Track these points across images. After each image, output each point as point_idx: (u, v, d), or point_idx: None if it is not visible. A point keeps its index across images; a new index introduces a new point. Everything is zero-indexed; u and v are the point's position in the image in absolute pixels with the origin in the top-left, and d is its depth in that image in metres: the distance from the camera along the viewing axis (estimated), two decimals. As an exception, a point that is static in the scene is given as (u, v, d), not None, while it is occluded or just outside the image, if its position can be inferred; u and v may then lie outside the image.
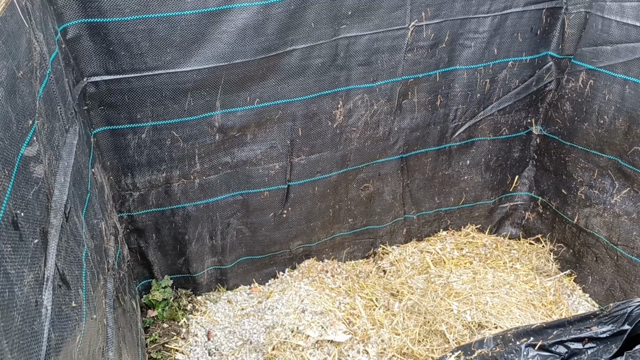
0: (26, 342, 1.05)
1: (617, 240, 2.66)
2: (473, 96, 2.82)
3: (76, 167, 1.70)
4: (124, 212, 2.53)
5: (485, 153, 3.04)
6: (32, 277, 1.14)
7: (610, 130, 2.55)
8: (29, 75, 1.42)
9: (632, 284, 2.62)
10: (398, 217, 3.13)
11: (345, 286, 2.91)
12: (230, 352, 2.58)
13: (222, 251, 2.83)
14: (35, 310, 1.13)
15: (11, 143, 1.18)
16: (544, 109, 2.94)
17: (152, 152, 2.40)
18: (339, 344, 2.49)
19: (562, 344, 1.89)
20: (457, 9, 2.55)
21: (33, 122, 1.35)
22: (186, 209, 2.62)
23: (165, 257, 2.74)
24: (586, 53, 2.59)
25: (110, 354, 1.72)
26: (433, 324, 2.66)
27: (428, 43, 2.59)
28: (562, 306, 2.76)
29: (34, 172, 1.30)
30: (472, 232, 3.28)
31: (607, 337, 1.80)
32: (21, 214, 1.15)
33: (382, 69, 2.58)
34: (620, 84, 2.44)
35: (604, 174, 2.66)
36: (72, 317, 1.35)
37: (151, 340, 2.59)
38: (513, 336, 2.07)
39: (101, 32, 2.05)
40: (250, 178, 2.64)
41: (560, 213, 2.97)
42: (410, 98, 2.73)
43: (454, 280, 2.92)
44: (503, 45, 2.71)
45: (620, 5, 2.38)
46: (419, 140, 2.88)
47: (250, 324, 2.70)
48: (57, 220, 1.38)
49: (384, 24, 2.47)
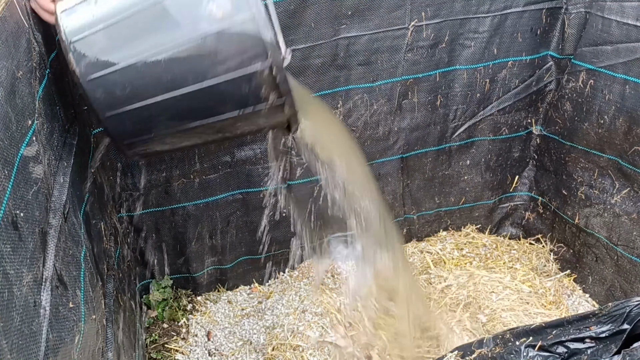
0: (25, 342, 1.04)
1: (617, 240, 2.65)
2: (473, 96, 2.82)
3: (76, 167, 1.70)
4: (124, 212, 2.53)
5: (485, 153, 3.04)
6: (30, 277, 1.13)
7: (610, 130, 2.55)
8: (29, 75, 1.42)
9: (632, 284, 2.62)
10: (398, 217, 3.13)
11: (345, 286, 2.91)
12: (230, 352, 2.58)
13: (222, 251, 2.83)
14: (34, 311, 1.13)
15: (11, 143, 1.18)
16: (544, 109, 2.94)
17: (151, 152, 2.40)
18: (339, 345, 2.49)
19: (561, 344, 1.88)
20: (457, 9, 2.55)
21: (32, 122, 1.35)
22: (186, 208, 2.62)
23: (165, 257, 2.74)
24: (586, 53, 2.59)
25: (110, 355, 1.72)
26: (433, 324, 2.66)
27: (428, 43, 2.59)
28: (562, 306, 2.76)
29: (34, 173, 1.30)
30: (472, 232, 3.28)
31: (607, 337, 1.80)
32: (20, 214, 1.14)
33: (382, 68, 2.58)
34: (620, 83, 2.44)
35: (604, 174, 2.66)
36: (70, 317, 1.35)
37: (151, 341, 2.59)
38: (512, 336, 2.07)
39: (101, 32, 2.05)
40: (250, 177, 2.64)
41: (561, 213, 2.97)
42: (410, 98, 2.73)
43: (454, 281, 2.92)
44: (503, 45, 2.71)
45: (621, 5, 2.38)
46: (419, 140, 2.88)
47: (250, 325, 2.70)
48: (56, 221, 1.38)
49: (384, 24, 2.47)
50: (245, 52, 1.38)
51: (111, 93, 1.40)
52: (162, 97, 1.41)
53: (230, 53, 1.38)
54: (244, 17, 1.36)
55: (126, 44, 1.39)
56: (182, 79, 1.39)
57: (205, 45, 1.37)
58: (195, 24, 1.36)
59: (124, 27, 1.40)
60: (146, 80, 1.40)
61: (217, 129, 1.54)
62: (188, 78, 1.39)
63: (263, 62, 1.38)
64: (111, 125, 1.45)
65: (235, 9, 1.35)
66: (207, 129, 1.52)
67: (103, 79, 1.39)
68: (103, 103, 1.41)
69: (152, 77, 1.40)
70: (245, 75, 1.40)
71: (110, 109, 1.42)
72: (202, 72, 1.39)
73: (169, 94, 1.41)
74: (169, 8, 1.37)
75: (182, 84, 1.40)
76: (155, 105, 1.43)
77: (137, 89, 1.41)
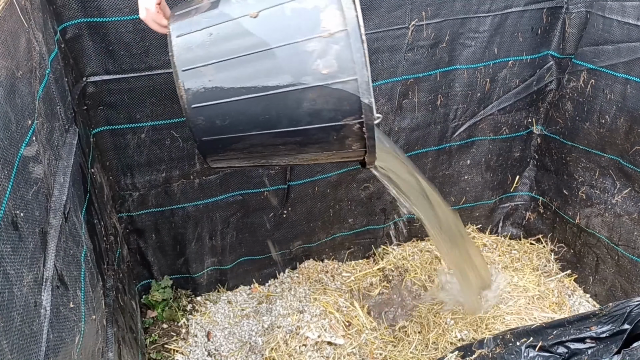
0: (26, 342, 1.04)
1: (618, 240, 2.65)
2: (473, 96, 2.82)
3: (76, 167, 1.69)
4: (124, 213, 2.52)
5: (486, 153, 3.04)
6: (31, 277, 1.13)
7: (611, 130, 2.55)
8: (29, 75, 1.41)
9: (633, 284, 2.62)
10: (398, 217, 3.12)
11: (345, 287, 2.91)
12: (229, 352, 2.58)
13: (222, 251, 2.83)
14: (35, 311, 1.13)
15: (10, 143, 1.18)
16: (545, 108, 2.94)
17: (151, 152, 2.40)
18: (338, 346, 2.49)
19: (562, 345, 1.88)
20: (458, 9, 2.54)
21: (32, 122, 1.35)
22: (186, 209, 2.62)
23: (164, 257, 2.74)
24: (587, 53, 2.59)
25: (110, 355, 1.72)
26: (434, 325, 2.66)
27: (428, 42, 2.58)
28: (564, 307, 2.76)
29: (34, 172, 1.30)
30: (472, 232, 3.27)
31: (607, 337, 1.80)
32: (21, 214, 1.14)
33: (382, 68, 2.58)
34: (621, 83, 2.44)
35: (605, 174, 2.66)
36: (71, 317, 1.35)
37: (151, 341, 2.59)
38: (513, 336, 2.07)
39: (101, 31, 2.05)
40: (250, 178, 2.64)
41: (561, 213, 2.97)
42: (411, 98, 2.72)
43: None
44: (503, 45, 2.71)
45: (622, 5, 2.38)
46: (419, 140, 2.88)
47: (249, 325, 2.70)
48: (57, 221, 1.38)
49: (384, 24, 2.46)
50: (342, 107, 1.46)
51: (211, 122, 1.49)
52: (255, 132, 1.50)
53: (327, 106, 1.46)
54: (348, 77, 1.43)
55: (233, 82, 1.46)
56: (277, 120, 1.48)
57: (305, 96, 1.45)
58: (301, 76, 1.43)
59: (234, 65, 1.46)
60: (245, 117, 1.48)
61: (298, 159, 1.66)
62: (283, 121, 1.48)
63: (355, 118, 1.46)
64: (204, 146, 1.56)
65: (341, 70, 1.42)
66: (285, 159, 1.64)
67: (206, 108, 1.47)
68: (202, 129, 1.50)
69: (251, 115, 1.48)
70: (335, 126, 1.49)
71: (207, 135, 1.52)
72: (296, 118, 1.48)
73: (262, 131, 1.50)
74: (279, 57, 1.44)
75: (276, 125, 1.49)
76: (248, 137, 1.52)
77: (234, 123, 1.49)
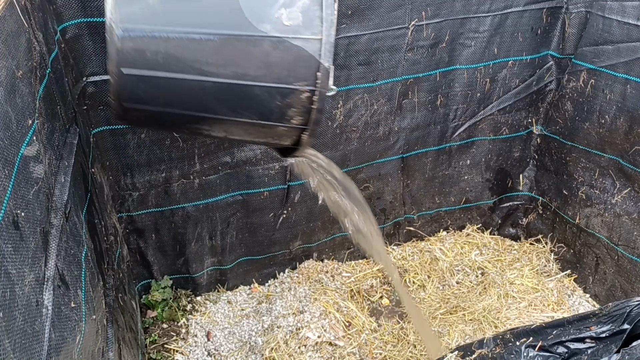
0: (28, 341, 1.04)
1: (617, 240, 2.65)
2: (473, 96, 2.82)
3: (76, 167, 1.69)
4: (124, 212, 2.52)
5: (486, 153, 3.04)
6: (32, 277, 1.13)
7: (611, 130, 2.55)
8: (29, 75, 1.41)
9: (633, 284, 2.62)
10: (398, 217, 3.12)
11: (345, 287, 2.91)
12: (229, 352, 2.58)
13: (222, 251, 2.82)
14: (36, 310, 1.13)
15: (11, 143, 1.18)
16: (545, 108, 2.94)
17: (151, 152, 2.40)
18: (338, 346, 2.49)
19: (562, 344, 1.88)
20: (458, 9, 2.55)
21: (33, 122, 1.35)
22: (186, 209, 2.62)
23: (164, 257, 2.74)
24: (587, 53, 2.59)
25: (110, 354, 1.72)
26: (433, 324, 2.66)
27: (428, 42, 2.58)
28: (564, 307, 2.76)
29: (34, 172, 1.29)
30: (472, 232, 3.28)
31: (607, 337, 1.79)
32: (21, 214, 1.14)
33: (382, 68, 2.58)
34: (621, 83, 2.44)
35: (604, 174, 2.66)
36: (72, 317, 1.35)
37: (151, 341, 2.59)
38: (513, 336, 2.06)
39: (101, 31, 2.04)
40: (250, 178, 2.64)
41: (561, 213, 2.97)
42: (411, 98, 2.73)
43: (454, 281, 2.92)
44: (503, 45, 2.71)
45: (621, 5, 2.38)
46: (419, 140, 2.88)
47: (249, 325, 2.70)
48: (58, 220, 1.38)
49: (384, 24, 2.46)
50: (296, 68, 1.29)
51: (140, 52, 1.25)
52: (191, 77, 1.28)
53: (280, 63, 1.29)
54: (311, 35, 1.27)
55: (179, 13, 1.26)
56: (219, 68, 1.28)
57: (258, 46, 1.27)
58: (260, 22, 1.26)
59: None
60: (183, 56, 1.26)
61: (224, 128, 1.44)
62: (227, 70, 1.28)
63: (309, 84, 1.30)
64: (121, 82, 1.28)
65: (306, 25, 1.27)
66: (214, 123, 1.41)
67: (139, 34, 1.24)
68: (125, 58, 1.24)
69: (191, 55, 1.26)
70: (283, 89, 1.30)
71: (131, 66, 1.25)
72: (243, 69, 1.28)
73: (200, 77, 1.28)
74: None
75: (217, 73, 1.28)
76: (179, 82, 1.28)
77: (169, 60, 1.26)
